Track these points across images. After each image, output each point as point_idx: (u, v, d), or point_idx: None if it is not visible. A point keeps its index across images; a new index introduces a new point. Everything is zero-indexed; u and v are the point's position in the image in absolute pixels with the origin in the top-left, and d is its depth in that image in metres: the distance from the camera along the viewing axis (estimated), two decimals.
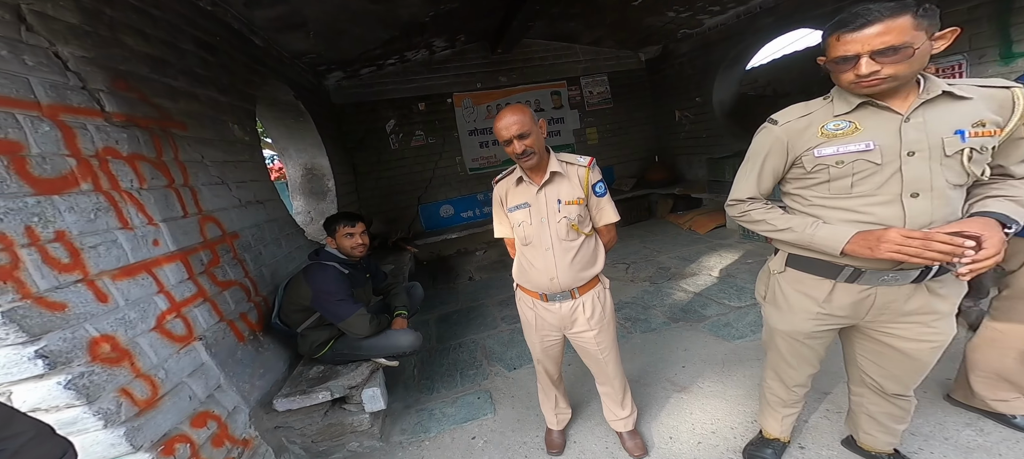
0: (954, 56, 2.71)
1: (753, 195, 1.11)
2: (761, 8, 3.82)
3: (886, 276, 0.97)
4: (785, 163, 1.05)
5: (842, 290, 1.03)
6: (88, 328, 1.17)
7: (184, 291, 1.56)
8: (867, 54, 0.83)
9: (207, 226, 1.81)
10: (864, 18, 0.83)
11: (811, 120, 1.01)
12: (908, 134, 0.90)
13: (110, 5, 1.54)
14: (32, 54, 1.19)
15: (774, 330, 1.20)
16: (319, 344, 1.93)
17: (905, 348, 1.04)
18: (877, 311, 1.02)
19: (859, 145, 0.93)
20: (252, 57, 2.71)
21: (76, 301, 1.16)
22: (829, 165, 0.97)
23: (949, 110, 0.88)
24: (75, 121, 1.28)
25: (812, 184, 1.02)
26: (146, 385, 1.29)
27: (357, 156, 4.89)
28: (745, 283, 2.92)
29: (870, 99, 0.92)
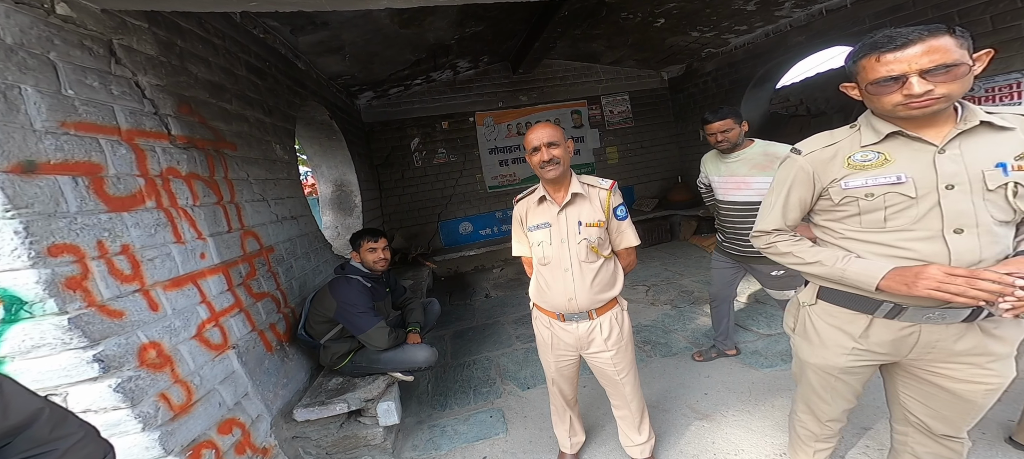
0: (1013, 74, 2.57)
1: (779, 227, 1.07)
2: (791, 26, 3.79)
3: (931, 313, 0.90)
4: (812, 194, 1.02)
5: (881, 326, 0.96)
6: (140, 335, 1.26)
7: (223, 301, 1.66)
8: (916, 73, 0.79)
9: (247, 240, 1.93)
10: (904, 38, 0.79)
11: (837, 150, 0.97)
12: (944, 166, 0.85)
13: (181, 37, 1.71)
14: (117, 84, 1.35)
15: (805, 363, 1.13)
16: (340, 356, 1.99)
17: (956, 389, 0.95)
18: (922, 349, 0.94)
19: (890, 177, 0.88)
20: (295, 80, 2.91)
21: (132, 309, 1.26)
22: (858, 198, 0.93)
23: (990, 141, 0.84)
24: (147, 144, 1.42)
25: (842, 216, 0.98)
26: (182, 390, 1.35)
27: (383, 173, 5.09)
28: (775, 310, 2.82)
29: (901, 129, 0.88)
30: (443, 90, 5.08)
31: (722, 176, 1.98)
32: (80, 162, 1.17)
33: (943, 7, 2.76)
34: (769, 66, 4.19)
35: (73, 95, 1.18)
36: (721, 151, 1.96)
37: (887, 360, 1.02)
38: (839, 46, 3.58)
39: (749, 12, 3.61)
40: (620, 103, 5.57)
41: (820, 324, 1.07)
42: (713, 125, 1.89)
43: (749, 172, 1.89)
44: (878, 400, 1.62)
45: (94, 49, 1.27)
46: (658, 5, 3.49)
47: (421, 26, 3.25)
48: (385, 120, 5.02)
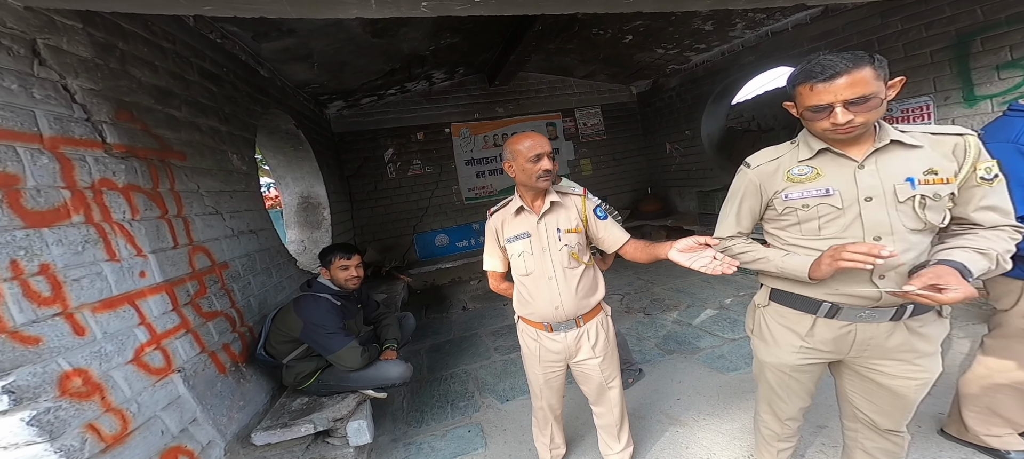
0: (922, 97, 2.87)
1: (733, 234, 1.17)
2: (743, 46, 4.06)
3: (863, 313, 1.00)
4: (760, 204, 1.11)
5: (823, 325, 1.06)
6: (60, 362, 1.14)
7: (166, 323, 1.54)
8: (841, 104, 0.88)
9: (197, 257, 1.80)
10: (832, 69, 0.87)
11: (779, 164, 1.06)
12: (863, 180, 0.95)
13: (123, 39, 1.59)
14: (41, 87, 1.22)
15: (762, 363, 1.22)
16: (305, 375, 1.88)
17: (891, 384, 1.05)
18: (860, 347, 1.04)
19: (821, 190, 0.98)
20: (256, 87, 2.78)
21: (51, 335, 1.13)
22: (796, 208, 1.02)
23: (901, 157, 0.93)
24: (75, 153, 1.29)
25: (785, 225, 1.08)
26: (116, 419, 1.25)
27: (354, 185, 4.93)
28: (737, 316, 2.93)
29: (829, 146, 0.98)
30: (418, 101, 5.03)
31: None
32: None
33: (865, 34, 3.06)
34: (726, 83, 4.45)
35: None
36: None
37: (832, 358, 1.11)
38: (783, 66, 3.87)
39: (707, 32, 3.83)
40: (593, 116, 5.72)
41: (772, 324, 1.16)
42: None
43: None
44: (830, 399, 1.69)
45: (13, 49, 1.15)
46: (626, 22, 3.63)
47: (395, 36, 3.21)
48: (357, 130, 4.89)
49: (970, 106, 2.65)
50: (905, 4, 2.76)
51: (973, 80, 2.60)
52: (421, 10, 1.28)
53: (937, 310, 1.00)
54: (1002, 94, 2.49)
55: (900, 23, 2.85)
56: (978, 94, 2.60)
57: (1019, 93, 2.41)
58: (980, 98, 2.59)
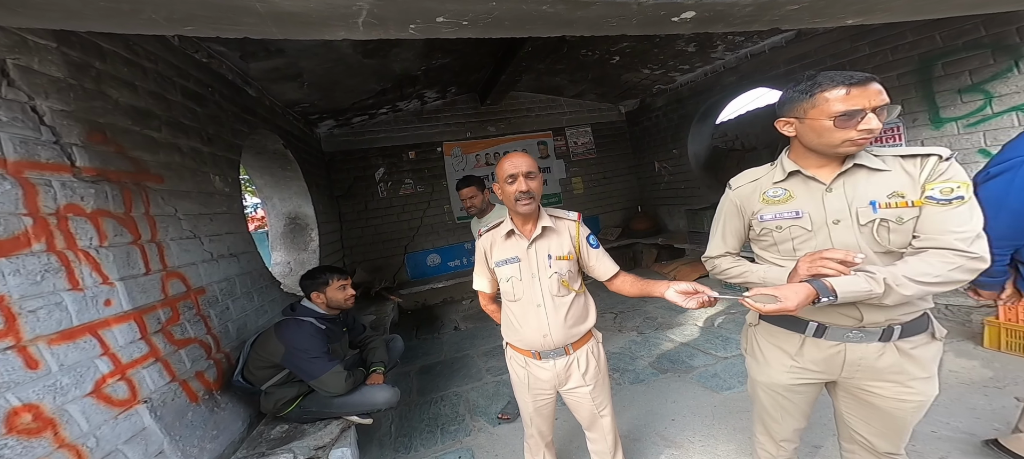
0: (891, 119, 2.97)
1: (721, 253, 1.18)
2: (724, 67, 4.19)
3: (850, 333, 0.99)
4: (743, 224, 1.13)
5: (812, 345, 1.05)
6: (9, 397, 1.07)
7: (133, 352, 1.46)
8: (871, 109, 0.87)
9: (170, 282, 1.72)
10: (864, 75, 0.87)
11: (757, 186, 1.08)
12: (830, 203, 0.96)
13: (101, 58, 1.55)
14: (7, 109, 1.17)
15: (755, 382, 1.21)
16: (285, 402, 1.81)
17: (885, 406, 1.03)
18: (851, 367, 1.02)
19: (792, 212, 1.00)
20: (243, 107, 2.75)
21: (1, 370, 1.06)
22: (771, 229, 1.04)
23: (868, 180, 0.94)
24: (40, 178, 1.23)
25: (765, 245, 1.09)
26: (70, 456, 1.17)
27: (344, 204, 4.87)
28: (730, 334, 2.91)
29: (800, 168, 0.99)
30: (410, 120, 5.04)
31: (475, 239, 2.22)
32: None
33: (837, 56, 3.18)
34: (709, 103, 4.57)
35: None
36: (475, 216, 2.19)
37: (824, 378, 1.09)
38: (763, 87, 4.01)
39: (690, 53, 3.95)
40: (583, 135, 5.80)
41: (763, 343, 1.16)
42: (461, 192, 2.18)
43: None
44: (826, 418, 1.67)
45: None
46: (613, 44, 3.72)
47: (386, 57, 3.23)
48: (347, 149, 4.87)
49: (937, 128, 2.74)
50: (872, 29, 2.88)
51: (938, 103, 2.70)
52: (409, 32, 1.28)
53: (930, 331, 0.99)
54: (966, 116, 2.59)
55: (868, 47, 2.98)
56: (943, 116, 2.69)
57: (981, 116, 2.51)
58: (946, 120, 2.69)
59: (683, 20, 1.35)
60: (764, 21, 1.39)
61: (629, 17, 1.35)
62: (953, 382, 1.94)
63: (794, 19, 1.39)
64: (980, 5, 1.49)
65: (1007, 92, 2.38)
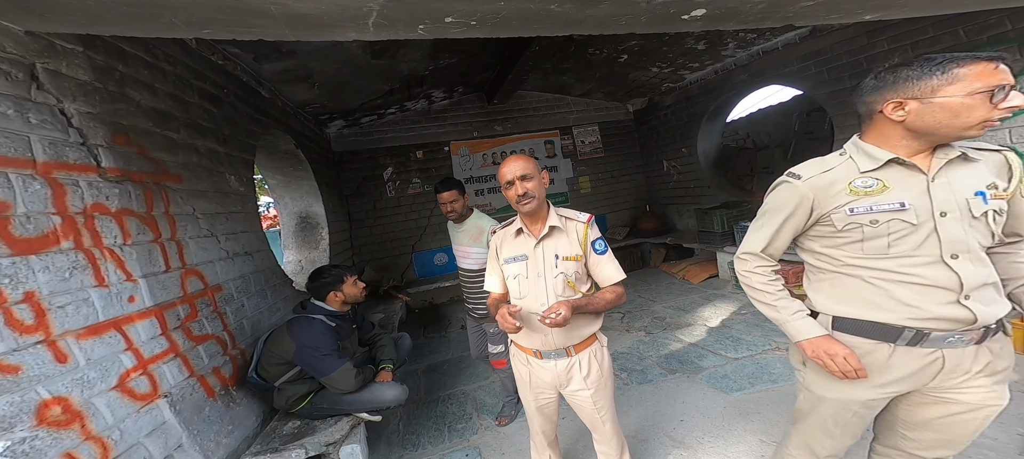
0: None
1: (766, 248, 1.07)
2: (735, 65, 4.14)
3: (951, 337, 0.91)
4: (807, 221, 1.02)
5: (903, 354, 0.94)
6: (40, 391, 1.11)
7: (154, 347, 1.51)
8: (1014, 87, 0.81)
9: (189, 280, 1.77)
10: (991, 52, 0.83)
11: (834, 176, 0.97)
12: (937, 194, 0.88)
13: (123, 62, 1.61)
14: (37, 112, 1.22)
15: (822, 398, 1.07)
16: (297, 398, 1.84)
17: (963, 414, 0.95)
18: (946, 375, 0.93)
19: (893, 203, 0.90)
20: (256, 107, 2.81)
21: (32, 363, 1.10)
22: (862, 224, 0.93)
23: (966, 172, 0.89)
24: (68, 178, 1.28)
25: (843, 243, 0.97)
26: (96, 448, 1.21)
27: (353, 204, 4.94)
28: (741, 334, 2.87)
29: (898, 156, 0.91)
30: (417, 119, 5.08)
31: (457, 245, 2.18)
32: None
33: (853, 53, 3.12)
34: (719, 101, 4.52)
35: None
36: (453, 221, 2.16)
37: (909, 388, 0.98)
38: (774, 84, 3.94)
39: (700, 51, 3.91)
40: (590, 134, 5.78)
41: None
42: (442, 195, 2.07)
43: (470, 243, 2.09)
44: None
45: (11, 74, 1.15)
46: (621, 42, 3.71)
47: (394, 57, 3.27)
48: (356, 149, 4.93)
49: None
50: (891, 24, 2.82)
51: None
52: (418, 32, 1.30)
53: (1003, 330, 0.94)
54: None
55: (886, 43, 2.91)
56: None
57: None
58: None
59: (693, 18, 1.35)
60: (777, 18, 1.38)
61: (638, 16, 1.35)
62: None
63: (808, 15, 1.38)
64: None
65: None
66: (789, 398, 2.02)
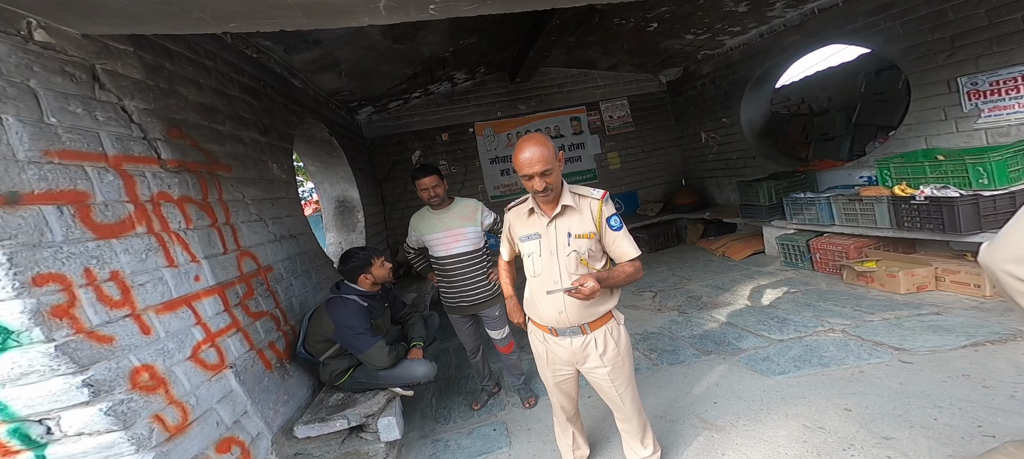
0: (1016, 66, 2.47)
1: None
2: (784, 26, 3.75)
3: None
4: None
5: None
6: (131, 358, 1.26)
7: (219, 322, 1.66)
8: None
9: (244, 261, 1.93)
10: None
11: None
12: None
13: (170, 60, 1.73)
14: (103, 110, 1.35)
15: None
16: (339, 372, 1.98)
17: None
18: None
19: None
20: (291, 98, 2.94)
21: (123, 334, 1.25)
22: None
23: None
24: (135, 169, 1.42)
25: None
26: (178, 411, 1.35)
27: (385, 187, 5.11)
28: (788, 314, 2.71)
29: None
30: (442, 102, 5.11)
31: (440, 232, 2.07)
32: (65, 191, 1.17)
33: (936, 2, 2.71)
34: (766, 66, 4.13)
35: (56, 123, 1.18)
36: (433, 207, 2.07)
37: None
38: (834, 44, 3.53)
39: (741, 13, 3.57)
40: (619, 108, 5.54)
41: None
42: (424, 181, 1.98)
43: (462, 223, 2.05)
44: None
45: (76, 75, 1.28)
46: (649, 10, 3.47)
47: (414, 41, 3.28)
48: (386, 134, 5.06)
49: None
50: None
51: None
52: (429, 12, 1.29)
53: None
54: None
55: None
56: None
57: None
58: None
59: None
60: None
61: None
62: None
63: None
64: None
65: None
66: (842, 383, 1.89)
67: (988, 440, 1.42)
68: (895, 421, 1.59)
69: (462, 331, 2.24)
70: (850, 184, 3.56)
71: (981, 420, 1.51)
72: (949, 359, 1.92)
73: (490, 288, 2.14)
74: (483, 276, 2.13)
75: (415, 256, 2.35)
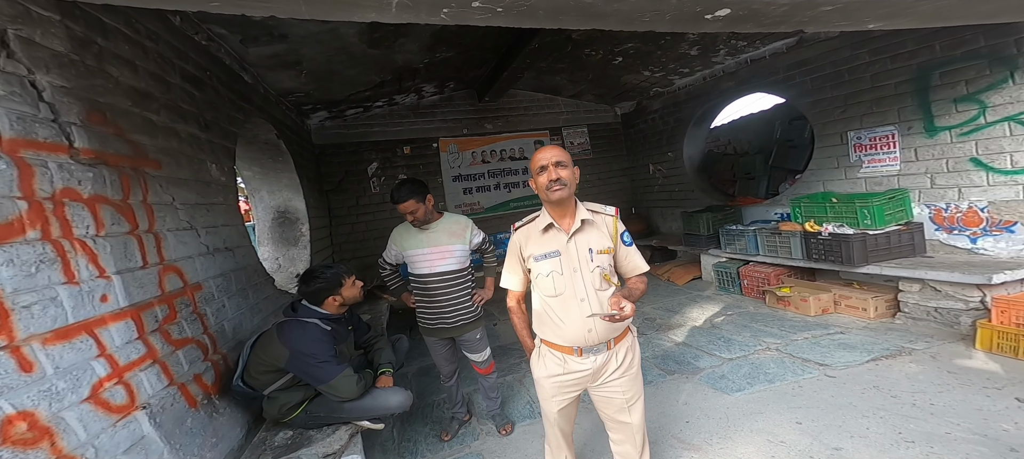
0: (887, 127, 3.10)
1: None
2: (723, 72, 4.29)
3: None
4: None
5: None
6: (2, 404, 0.97)
7: (131, 353, 1.35)
8: None
9: (167, 277, 1.61)
10: None
11: None
12: None
13: (103, 35, 1.44)
14: (5, 83, 1.06)
15: None
16: (291, 406, 1.71)
17: None
18: None
19: None
20: (239, 93, 2.61)
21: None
22: None
23: None
24: (36, 158, 1.12)
25: None
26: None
27: (334, 199, 4.72)
28: (731, 335, 2.96)
29: None
30: (405, 114, 4.93)
31: (425, 248, 1.96)
32: None
33: (837, 64, 3.30)
34: (706, 107, 4.68)
35: None
36: (417, 227, 1.96)
37: None
38: (760, 92, 4.12)
39: (692, 56, 4.03)
40: (580, 135, 5.83)
41: None
42: (402, 206, 1.86)
43: (450, 241, 1.95)
44: None
45: None
46: (618, 44, 3.75)
47: (390, 47, 3.14)
48: (339, 142, 4.72)
49: (931, 136, 2.88)
50: (874, 37, 3.00)
51: (933, 112, 2.84)
52: (441, 17, 1.23)
53: None
54: (959, 126, 2.73)
55: (868, 55, 3.10)
56: (938, 125, 2.84)
57: (974, 125, 2.65)
58: (940, 129, 2.83)
59: (717, 18, 1.36)
60: (793, 22, 1.42)
61: (663, 13, 1.34)
62: (953, 384, 2.03)
63: (823, 21, 1.42)
64: (998, 13, 1.56)
65: (1001, 102, 2.51)
66: (788, 398, 2.08)
67: (909, 445, 1.64)
68: (838, 432, 1.77)
69: (438, 354, 2.08)
70: (767, 219, 4.08)
71: (899, 428, 1.75)
72: (860, 373, 2.22)
73: (473, 310, 2.03)
74: (467, 297, 2.01)
75: (390, 273, 2.17)
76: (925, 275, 2.64)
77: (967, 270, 2.48)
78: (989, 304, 2.35)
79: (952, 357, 2.29)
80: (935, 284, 2.63)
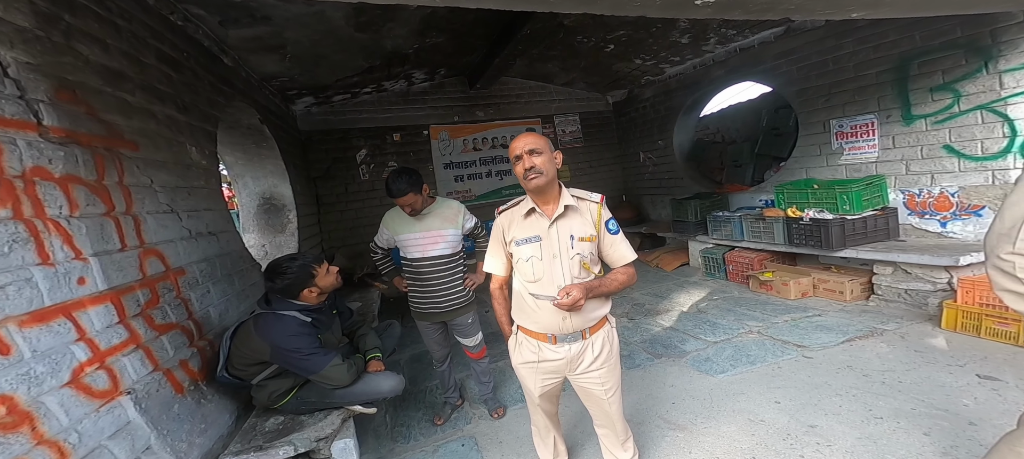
0: (867, 115, 3.16)
1: None
2: (713, 61, 4.31)
3: None
4: None
5: None
6: None
7: (112, 337, 1.32)
8: None
9: (148, 261, 1.57)
10: None
11: None
12: None
13: (71, 11, 1.38)
14: None
15: None
16: (281, 393, 1.70)
17: None
18: None
19: None
20: (219, 76, 2.53)
21: None
22: None
23: None
24: (3, 135, 1.07)
25: None
26: (51, 453, 1.05)
27: (322, 186, 4.64)
28: (716, 319, 3.04)
29: None
30: (395, 101, 4.85)
31: (417, 232, 1.94)
32: None
33: (822, 53, 3.34)
34: (696, 96, 4.70)
35: None
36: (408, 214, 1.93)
37: None
38: (748, 80, 4.16)
39: (683, 45, 4.03)
40: (571, 123, 5.82)
41: None
42: (400, 201, 1.84)
43: (443, 225, 1.95)
44: None
45: None
46: (609, 31, 3.72)
47: (379, 32, 3.06)
48: (326, 129, 4.62)
49: (908, 124, 2.96)
50: (857, 27, 3.04)
51: (911, 100, 2.91)
52: None
53: None
54: (934, 114, 2.80)
55: (852, 45, 3.14)
56: (915, 114, 2.91)
57: (949, 114, 2.73)
58: (916, 117, 2.91)
59: (705, 3, 1.36)
60: (779, 9, 1.42)
61: None
62: (920, 362, 2.13)
63: (808, 9, 1.43)
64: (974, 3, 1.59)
65: (975, 91, 2.58)
66: (767, 378, 2.15)
67: (878, 421, 1.73)
68: (814, 410, 1.84)
69: (430, 339, 2.09)
70: (753, 206, 4.16)
71: (870, 405, 1.83)
72: (835, 353, 2.32)
73: (465, 294, 2.04)
74: (459, 282, 2.02)
75: (382, 258, 2.16)
76: (897, 258, 2.74)
77: (936, 253, 2.58)
78: (956, 285, 2.45)
79: (920, 336, 2.39)
80: (906, 266, 2.74)
